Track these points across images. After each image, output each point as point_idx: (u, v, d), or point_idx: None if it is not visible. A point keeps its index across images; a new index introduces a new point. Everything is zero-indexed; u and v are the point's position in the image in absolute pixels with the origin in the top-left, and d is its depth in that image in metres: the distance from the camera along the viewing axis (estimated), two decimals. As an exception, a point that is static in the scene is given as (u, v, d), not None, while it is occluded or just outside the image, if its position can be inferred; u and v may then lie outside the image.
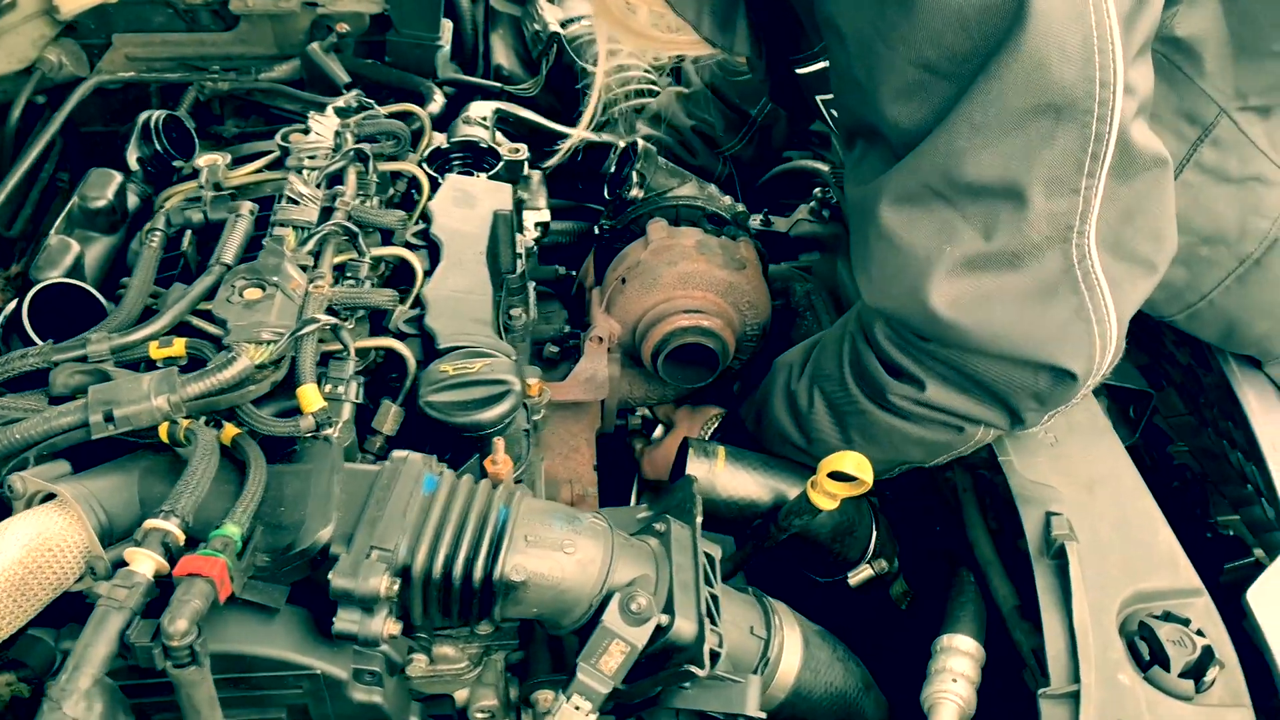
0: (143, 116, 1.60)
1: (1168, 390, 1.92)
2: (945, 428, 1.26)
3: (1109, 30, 1.01)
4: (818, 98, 1.47)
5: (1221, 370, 1.59)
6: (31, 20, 1.66)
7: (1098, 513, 1.25)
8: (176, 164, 1.58)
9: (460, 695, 1.14)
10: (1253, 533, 1.63)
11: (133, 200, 1.56)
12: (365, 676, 1.00)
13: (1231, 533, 1.72)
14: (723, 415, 1.65)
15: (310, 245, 1.26)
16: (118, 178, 1.51)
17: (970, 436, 1.27)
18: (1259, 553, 1.60)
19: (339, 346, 1.17)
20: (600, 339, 1.61)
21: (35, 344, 1.15)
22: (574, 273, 1.87)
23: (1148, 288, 1.18)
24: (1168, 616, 1.15)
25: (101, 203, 1.48)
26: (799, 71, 1.49)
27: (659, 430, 1.75)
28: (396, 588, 0.95)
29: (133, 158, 1.57)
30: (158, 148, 1.59)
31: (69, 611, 0.96)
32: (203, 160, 1.48)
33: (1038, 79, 1.01)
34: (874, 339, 1.25)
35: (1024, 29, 0.99)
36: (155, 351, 1.15)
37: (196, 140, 1.66)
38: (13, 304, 1.22)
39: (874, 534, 1.43)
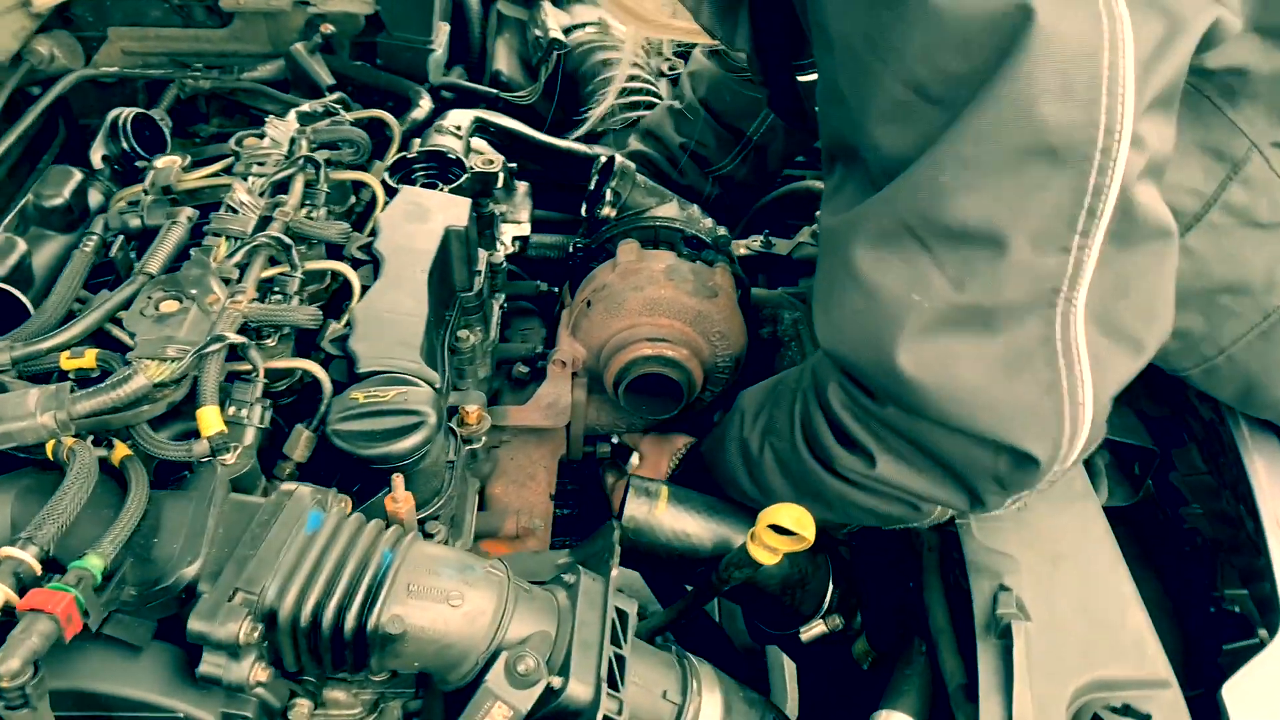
0: (112, 114, 1.57)
1: (1188, 446, 1.79)
2: (899, 503, 1.15)
3: (1122, 73, 0.89)
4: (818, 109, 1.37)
5: (1232, 433, 1.46)
6: (11, 12, 1.65)
7: (1059, 588, 1.14)
8: (141, 164, 1.54)
9: (352, 744, 1.07)
10: (1260, 611, 1.50)
11: (96, 199, 1.53)
12: (235, 721, 0.95)
13: (1238, 609, 1.58)
14: (691, 444, 1.57)
15: (238, 257, 1.21)
16: (77, 175, 1.48)
17: (926, 514, 1.17)
18: (1263, 633, 1.47)
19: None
20: (563, 363, 1.54)
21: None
22: (555, 289, 1.80)
23: (1132, 370, 1.05)
24: (1126, 710, 1.05)
25: (57, 200, 1.44)
26: (800, 79, 1.40)
27: (635, 459, 1.67)
28: (258, 634, 0.89)
29: (97, 155, 1.55)
30: (125, 146, 1.55)
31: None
32: (160, 162, 1.44)
33: (1036, 115, 0.90)
34: (826, 401, 1.14)
35: (1025, 56, 0.88)
36: (66, 362, 1.11)
37: (168, 140, 1.63)
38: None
39: (830, 588, 1.33)
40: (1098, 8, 0.89)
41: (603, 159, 1.69)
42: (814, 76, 1.30)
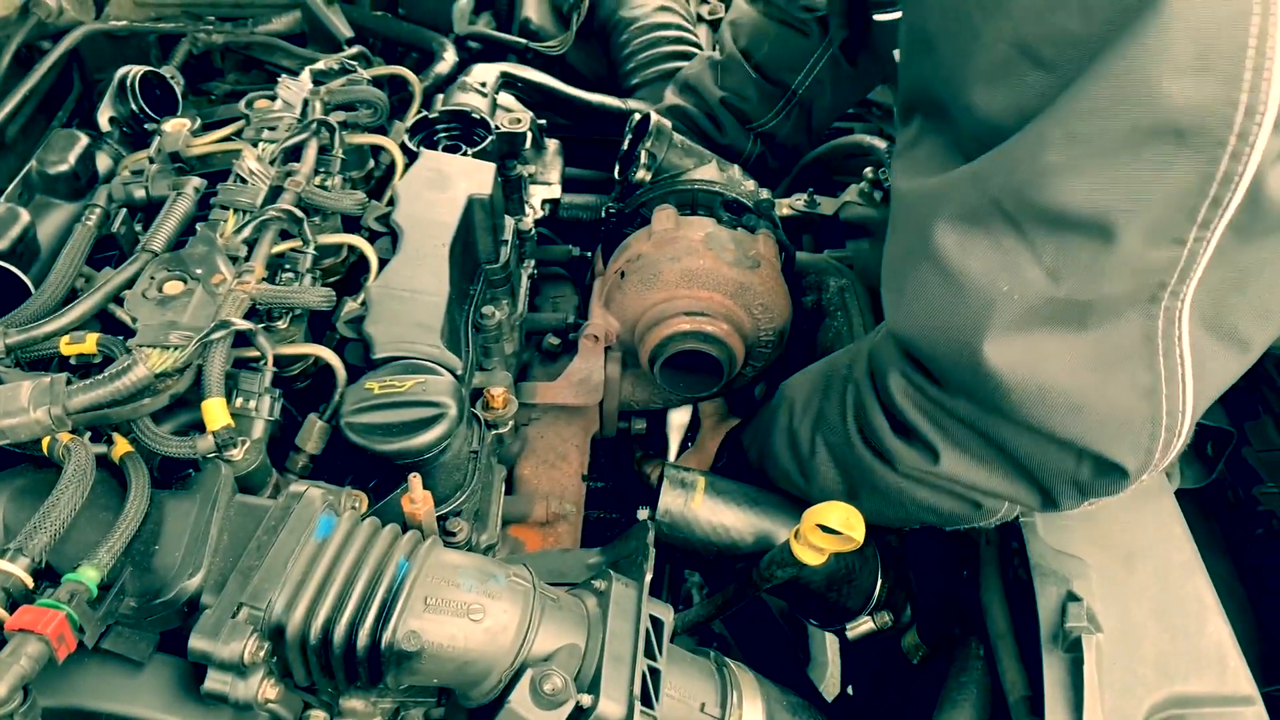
0: (120, 72, 1.49)
1: (1264, 419, 1.68)
2: (961, 500, 1.06)
3: (1273, 42, 0.76)
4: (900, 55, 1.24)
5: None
6: (13, -36, 1.57)
7: (1134, 593, 1.05)
8: (150, 126, 1.46)
9: (371, 754, 1.02)
10: (1340, 602, 1.41)
11: (105, 164, 1.45)
12: (244, 739, 0.89)
13: (1319, 603, 1.49)
14: (731, 429, 1.49)
15: (246, 232, 1.13)
16: (83, 140, 1.40)
17: (991, 513, 1.08)
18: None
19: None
20: (596, 338, 1.45)
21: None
22: (589, 253, 1.71)
23: (1235, 373, 0.94)
24: (1206, 731, 0.96)
25: (62, 167, 1.37)
26: (876, 18, 1.27)
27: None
28: (264, 652, 0.83)
29: (104, 118, 1.47)
30: (134, 107, 1.47)
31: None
32: (168, 125, 1.36)
33: (1163, 91, 0.77)
34: (885, 390, 1.05)
35: (1157, 18, 0.76)
36: (66, 348, 1.04)
37: (180, 99, 1.54)
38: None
39: (878, 583, 1.25)
40: None
41: (637, 117, 1.58)
42: (895, 15, 1.17)
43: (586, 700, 0.89)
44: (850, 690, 1.50)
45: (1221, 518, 1.67)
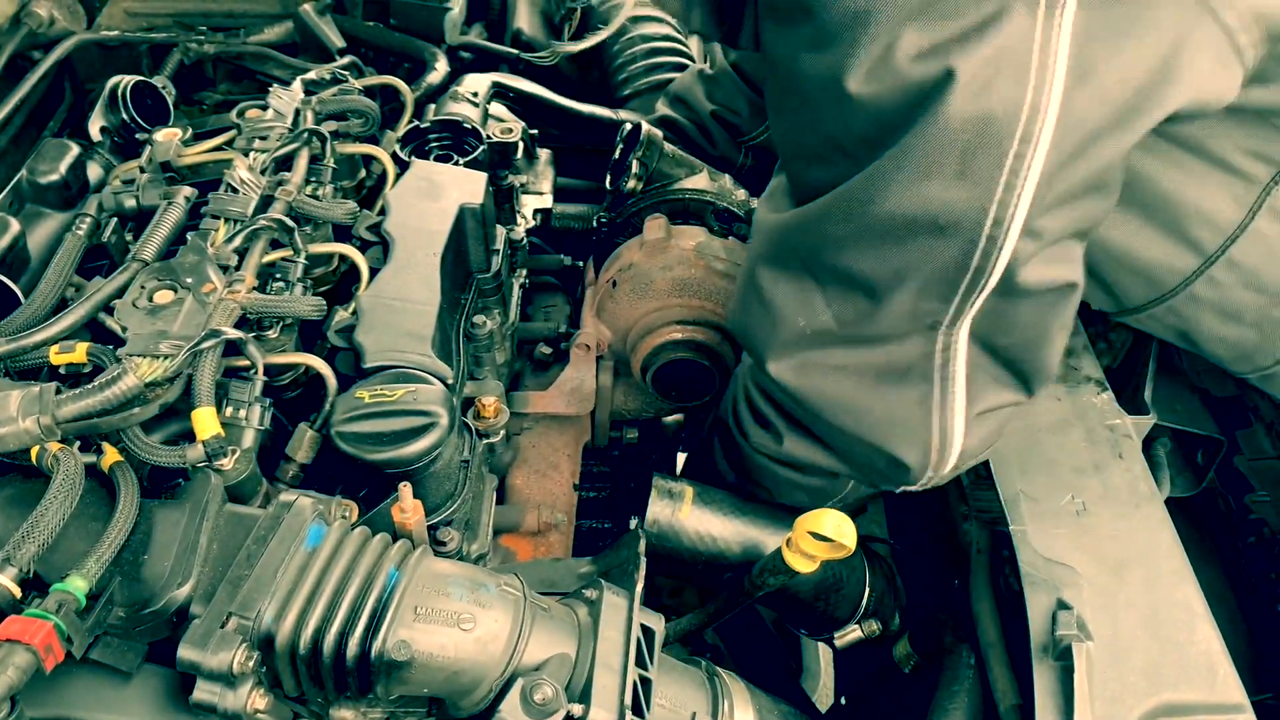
0: (111, 82, 1.49)
1: (1255, 428, 1.68)
2: (817, 476, 1.18)
3: (1028, 165, 0.86)
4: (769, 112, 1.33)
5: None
6: (4, -26, 1.57)
7: (1124, 602, 1.05)
8: (142, 136, 1.46)
9: (361, 765, 1.01)
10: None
11: (96, 173, 1.45)
12: (233, 750, 0.88)
13: (1310, 611, 1.49)
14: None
15: (237, 241, 1.13)
16: (74, 149, 1.40)
17: (846, 484, 1.20)
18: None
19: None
20: (587, 347, 1.45)
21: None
22: (580, 263, 1.71)
23: (1010, 401, 1.06)
24: (1197, 738, 0.96)
25: (53, 176, 1.37)
26: None
27: None
28: (253, 662, 0.83)
29: (95, 127, 1.47)
30: (124, 117, 1.47)
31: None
32: (159, 135, 1.36)
33: (926, 190, 0.89)
34: (746, 380, 1.19)
35: (931, 128, 0.86)
36: (55, 357, 1.04)
37: (171, 109, 1.54)
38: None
39: (866, 592, 1.25)
40: (1027, 82, 0.84)
41: (628, 126, 1.59)
42: None
43: (577, 710, 0.88)
44: (843, 700, 1.50)
45: (1213, 526, 1.67)
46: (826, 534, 1.04)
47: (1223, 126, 1.05)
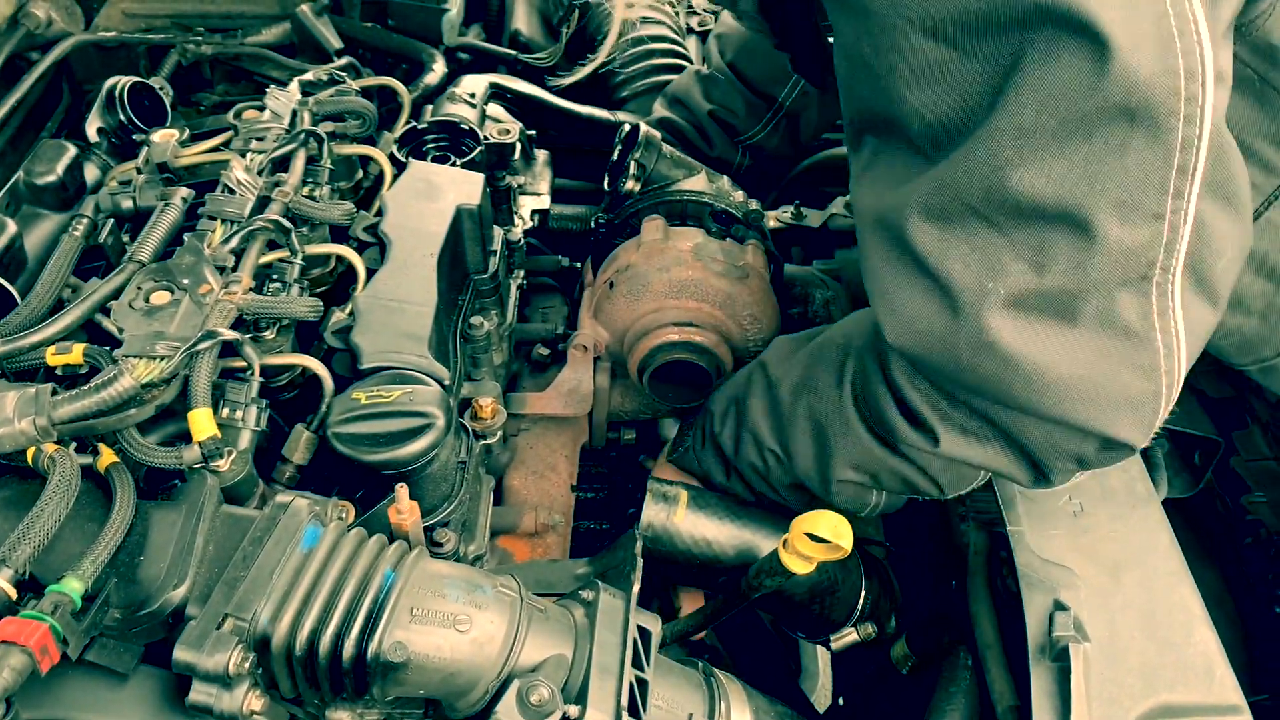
0: (108, 83, 1.49)
1: (1251, 429, 1.69)
2: (940, 475, 1.09)
3: (1194, 9, 0.78)
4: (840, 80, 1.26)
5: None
6: (1, -26, 1.57)
7: (1121, 603, 1.05)
8: (139, 137, 1.46)
9: (357, 767, 1.01)
10: (1329, 612, 1.42)
11: (93, 174, 1.45)
12: (229, 752, 0.88)
13: (1306, 609, 1.49)
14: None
15: (233, 242, 1.13)
16: (71, 150, 1.40)
17: (964, 486, 1.11)
18: (1334, 639, 1.38)
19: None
20: (585, 348, 1.45)
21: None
22: (578, 264, 1.71)
23: (1213, 325, 0.95)
24: (1194, 740, 0.96)
25: (50, 178, 1.36)
26: (831, 40, 1.29)
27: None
28: (249, 664, 0.83)
29: (92, 128, 1.46)
30: (121, 118, 1.47)
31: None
32: (156, 136, 1.36)
33: (1100, 72, 0.78)
34: (890, 373, 1.05)
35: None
36: (52, 358, 1.04)
37: (169, 110, 1.54)
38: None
39: (862, 594, 1.25)
40: None
41: (626, 127, 1.59)
42: None
43: (573, 711, 0.89)
44: (841, 700, 1.50)
45: (1211, 527, 1.68)
46: (823, 535, 1.04)
47: (1251, 113, 1.03)
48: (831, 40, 1.25)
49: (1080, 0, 0.77)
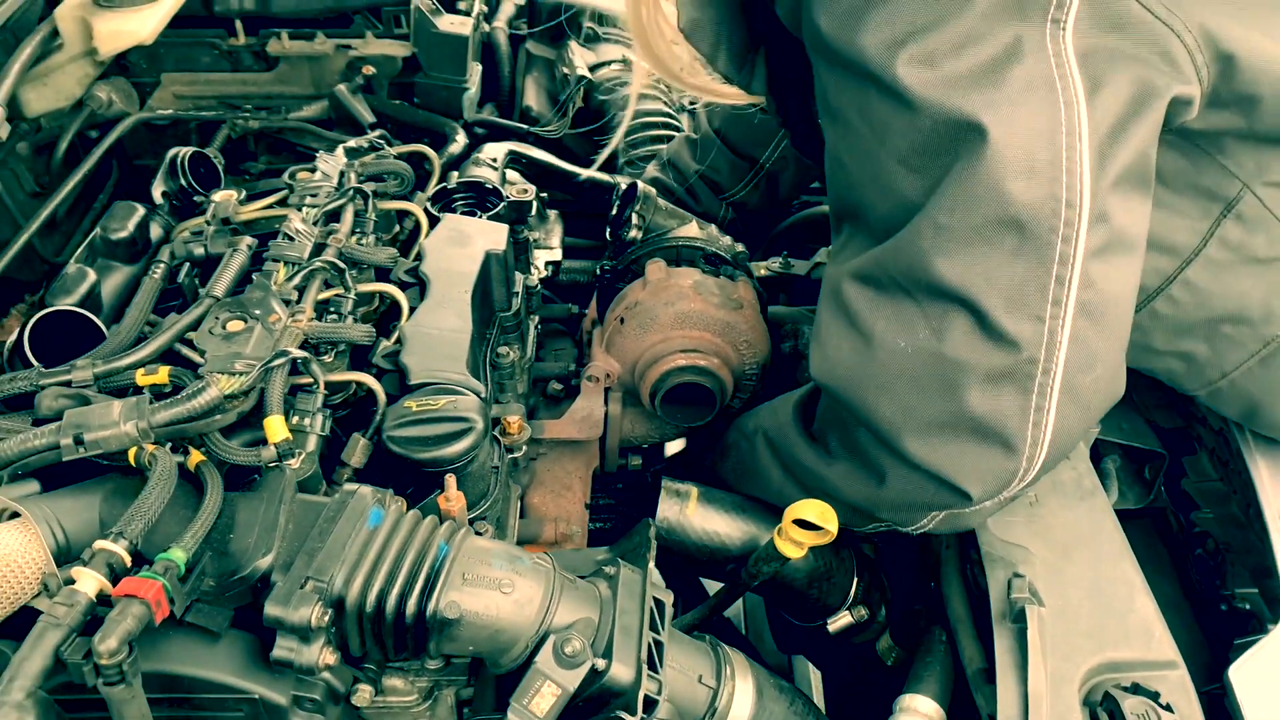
0: (171, 153, 1.68)
1: (1199, 455, 1.85)
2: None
3: (1079, 154, 1.01)
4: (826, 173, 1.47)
5: (1238, 440, 1.52)
6: (77, 60, 1.77)
7: (1071, 577, 1.21)
8: (198, 199, 1.64)
9: (410, 729, 1.15)
10: (1269, 608, 1.56)
11: (156, 232, 1.63)
12: (305, 704, 1.02)
13: (1249, 606, 1.64)
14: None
15: (296, 280, 1.30)
16: (140, 210, 1.59)
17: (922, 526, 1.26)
18: (1274, 629, 1.52)
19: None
20: (597, 379, 1.62)
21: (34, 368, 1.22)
22: (585, 311, 1.89)
23: (1080, 430, 1.14)
24: (1136, 689, 1.11)
25: (123, 234, 1.55)
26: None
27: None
28: (328, 618, 0.97)
29: (157, 191, 1.65)
30: (182, 183, 1.66)
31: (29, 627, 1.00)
32: (218, 196, 1.54)
33: (1004, 190, 1.01)
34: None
35: (988, 145, 1.00)
36: (140, 378, 1.20)
37: (222, 176, 1.73)
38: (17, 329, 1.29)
39: (854, 581, 1.40)
40: (1055, 98, 1.00)
41: (624, 184, 1.79)
42: None
43: (601, 664, 1.03)
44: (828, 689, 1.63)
45: (1169, 541, 1.83)
46: (812, 520, 1.20)
47: (1179, 163, 1.21)
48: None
49: (997, 138, 1.00)
